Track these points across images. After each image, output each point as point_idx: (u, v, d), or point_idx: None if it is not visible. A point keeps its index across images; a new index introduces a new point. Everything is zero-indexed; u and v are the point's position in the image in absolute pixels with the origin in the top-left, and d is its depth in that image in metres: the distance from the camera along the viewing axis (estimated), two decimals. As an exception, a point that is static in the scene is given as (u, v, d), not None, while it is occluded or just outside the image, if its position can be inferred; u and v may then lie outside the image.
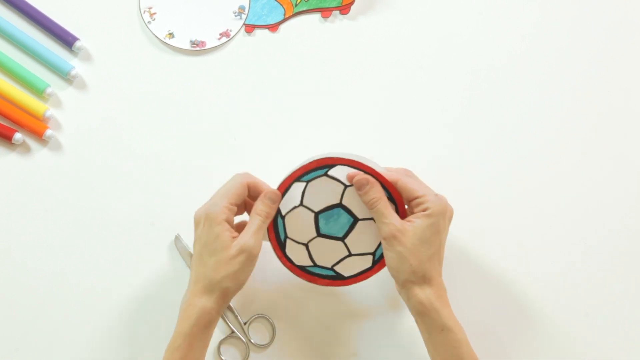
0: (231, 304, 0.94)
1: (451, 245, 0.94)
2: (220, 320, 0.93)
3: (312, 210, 0.90)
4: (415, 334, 0.94)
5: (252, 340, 0.93)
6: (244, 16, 0.99)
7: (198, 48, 0.98)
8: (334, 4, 1.00)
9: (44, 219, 0.95)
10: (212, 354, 0.93)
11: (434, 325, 0.85)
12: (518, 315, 0.95)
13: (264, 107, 0.99)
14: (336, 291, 0.95)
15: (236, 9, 0.99)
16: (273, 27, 0.99)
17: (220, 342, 0.93)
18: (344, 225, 0.91)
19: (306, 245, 0.91)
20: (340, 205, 0.91)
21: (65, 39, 0.98)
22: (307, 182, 0.90)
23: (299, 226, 0.91)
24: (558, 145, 0.99)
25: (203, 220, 0.86)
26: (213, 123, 0.98)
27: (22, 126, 0.96)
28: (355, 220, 0.91)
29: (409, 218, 0.87)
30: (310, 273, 0.92)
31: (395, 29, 1.01)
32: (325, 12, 0.99)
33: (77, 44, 0.98)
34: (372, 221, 0.91)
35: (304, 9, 0.99)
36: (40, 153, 0.97)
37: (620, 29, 1.02)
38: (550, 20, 1.02)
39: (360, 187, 0.88)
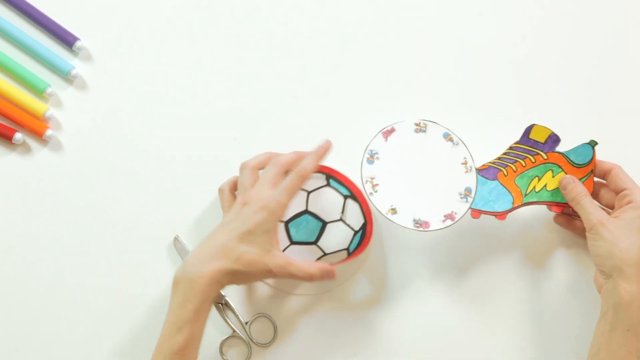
0: (232, 304, 0.94)
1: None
2: (222, 320, 0.93)
3: (282, 220, 0.93)
4: (415, 334, 0.94)
5: (253, 340, 0.93)
6: (469, 199, 0.92)
7: (421, 229, 0.90)
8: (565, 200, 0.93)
9: (44, 219, 0.95)
10: (214, 353, 0.93)
11: (623, 323, 0.84)
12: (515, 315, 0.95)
13: (269, 103, 0.99)
14: (336, 291, 0.95)
15: (462, 191, 0.92)
16: (501, 215, 0.92)
17: (222, 342, 0.93)
18: (313, 230, 0.94)
19: None
20: (307, 211, 0.94)
21: (66, 39, 0.98)
22: None
23: None
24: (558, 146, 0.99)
25: (274, 206, 0.86)
26: (213, 123, 0.98)
27: (22, 126, 0.96)
28: (324, 224, 0.94)
29: (615, 213, 0.89)
30: None
31: (394, 30, 1.01)
32: (556, 206, 0.93)
33: (77, 44, 0.98)
34: (340, 222, 0.94)
35: (534, 200, 0.93)
36: (40, 153, 0.97)
37: (620, 29, 1.02)
38: (550, 20, 1.02)
39: (565, 186, 0.92)
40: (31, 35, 0.98)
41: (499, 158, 0.94)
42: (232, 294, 0.94)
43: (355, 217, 0.95)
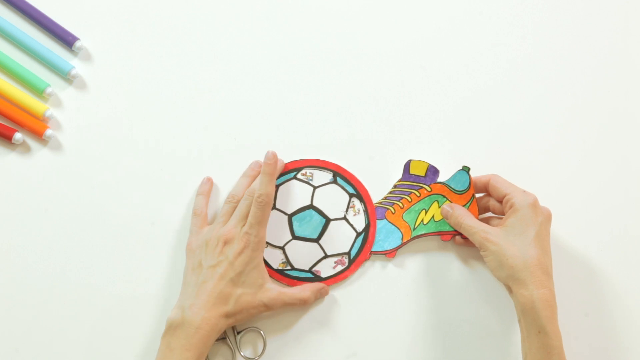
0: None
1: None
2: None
3: (285, 213, 0.94)
4: (415, 334, 0.94)
5: (240, 352, 0.93)
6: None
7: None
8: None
9: (44, 219, 0.95)
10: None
11: (532, 326, 0.85)
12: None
13: (269, 103, 0.99)
14: (336, 291, 0.95)
15: (352, 235, 0.96)
16: (390, 253, 0.95)
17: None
18: (317, 226, 0.95)
19: (282, 248, 0.94)
20: (311, 206, 0.95)
21: (65, 39, 0.98)
22: (278, 186, 0.95)
23: (274, 229, 0.94)
24: (559, 146, 0.99)
25: (254, 243, 0.90)
26: (213, 123, 0.98)
27: (22, 126, 0.96)
28: (327, 220, 0.94)
29: (501, 221, 0.90)
30: (288, 276, 0.94)
31: (393, 29, 1.01)
32: (445, 235, 0.95)
33: (77, 44, 0.98)
34: (343, 221, 0.95)
35: (423, 232, 0.95)
36: (40, 153, 0.97)
37: (621, 29, 1.02)
38: (550, 21, 1.02)
39: (445, 215, 0.94)
40: (31, 35, 0.98)
41: (385, 197, 0.96)
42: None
43: (358, 218, 0.95)
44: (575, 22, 1.02)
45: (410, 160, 0.96)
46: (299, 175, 0.96)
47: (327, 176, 0.96)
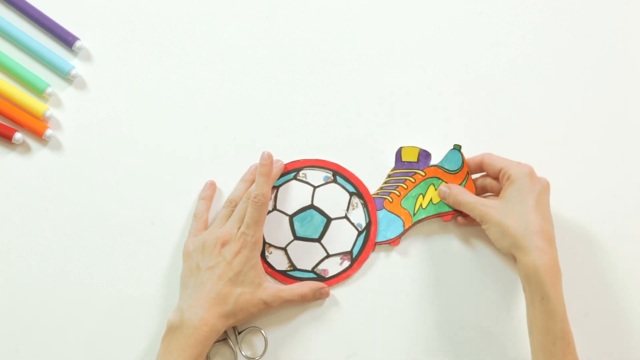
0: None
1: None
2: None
3: (286, 214, 0.95)
4: (415, 334, 0.94)
5: (243, 353, 0.93)
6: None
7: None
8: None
9: (44, 219, 0.95)
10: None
11: (536, 293, 0.85)
12: (515, 314, 0.95)
13: (266, 105, 0.99)
14: (337, 290, 0.95)
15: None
16: (394, 241, 0.95)
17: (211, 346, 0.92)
18: (318, 226, 0.95)
19: (285, 249, 0.94)
20: (312, 206, 0.96)
21: (65, 39, 0.98)
22: (278, 187, 0.95)
23: (276, 230, 0.95)
24: (559, 146, 0.99)
25: (251, 243, 0.90)
26: (213, 123, 0.98)
27: (22, 126, 0.96)
28: (329, 220, 0.95)
29: (500, 194, 0.91)
30: (291, 277, 0.94)
31: (394, 29, 1.01)
32: (446, 216, 0.95)
33: (77, 43, 0.98)
34: (344, 220, 0.95)
35: (424, 216, 0.95)
36: (40, 153, 0.97)
37: (621, 29, 1.02)
38: (550, 21, 1.02)
39: (443, 196, 0.94)
40: (31, 35, 0.98)
41: (381, 188, 0.96)
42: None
43: (359, 216, 0.95)
44: (575, 22, 1.02)
45: (401, 147, 0.96)
46: (299, 176, 0.96)
47: (327, 175, 0.96)
